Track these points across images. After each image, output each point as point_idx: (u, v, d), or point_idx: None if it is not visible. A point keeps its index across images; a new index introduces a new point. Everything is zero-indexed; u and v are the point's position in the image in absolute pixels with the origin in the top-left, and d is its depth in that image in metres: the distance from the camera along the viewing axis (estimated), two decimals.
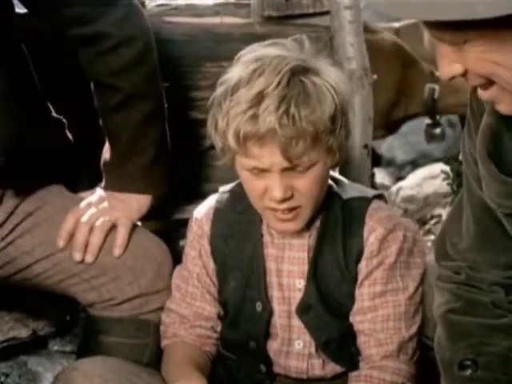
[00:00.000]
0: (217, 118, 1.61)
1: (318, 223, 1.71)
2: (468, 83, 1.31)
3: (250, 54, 1.63)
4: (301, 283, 1.71)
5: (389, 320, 1.69)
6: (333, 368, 1.73)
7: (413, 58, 4.97)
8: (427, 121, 4.17)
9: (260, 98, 1.56)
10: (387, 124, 5.33)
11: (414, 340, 1.71)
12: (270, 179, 1.59)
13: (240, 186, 1.77)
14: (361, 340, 1.70)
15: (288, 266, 1.72)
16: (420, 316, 1.72)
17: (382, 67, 5.23)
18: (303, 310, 1.70)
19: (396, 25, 6.22)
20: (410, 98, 5.19)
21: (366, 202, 1.71)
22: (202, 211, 1.80)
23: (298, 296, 1.71)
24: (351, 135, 1.82)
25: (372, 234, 1.68)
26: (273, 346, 1.73)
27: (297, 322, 1.71)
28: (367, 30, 5.41)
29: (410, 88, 5.19)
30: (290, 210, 1.62)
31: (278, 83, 1.56)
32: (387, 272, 1.69)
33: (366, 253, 1.68)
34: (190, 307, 1.79)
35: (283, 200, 1.60)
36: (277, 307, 1.72)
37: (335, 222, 1.70)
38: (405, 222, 1.75)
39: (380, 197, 1.76)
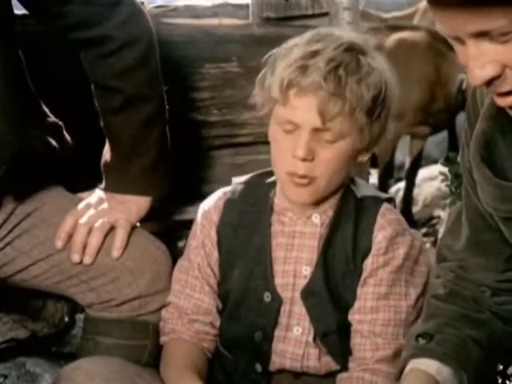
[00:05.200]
0: (266, 76, 1.66)
1: (331, 214, 1.72)
2: (499, 90, 1.24)
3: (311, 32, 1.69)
4: (307, 270, 1.71)
5: (389, 325, 1.69)
6: (327, 362, 1.72)
7: (447, 47, 4.97)
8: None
9: (313, 54, 1.61)
10: (430, 120, 5.34)
11: None
12: (297, 138, 1.62)
13: (254, 177, 1.80)
14: (356, 341, 1.70)
15: (297, 253, 1.72)
16: None
17: (414, 63, 5.29)
18: (307, 294, 1.70)
19: (386, 15, 6.25)
20: (446, 88, 5.20)
21: (379, 201, 1.73)
22: (210, 202, 1.81)
23: (302, 282, 1.71)
24: None
25: (381, 232, 1.69)
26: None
27: (298, 308, 1.71)
28: (396, 28, 5.47)
29: (444, 78, 5.20)
30: (306, 177, 1.64)
31: (335, 48, 1.61)
32: (393, 274, 1.69)
33: (374, 250, 1.69)
34: (189, 299, 1.79)
35: (304, 160, 1.62)
36: (281, 294, 1.71)
37: (348, 216, 1.71)
38: (412, 231, 1.76)
39: (390, 200, 1.78)
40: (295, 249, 1.73)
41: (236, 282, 1.75)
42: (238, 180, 1.82)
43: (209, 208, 1.80)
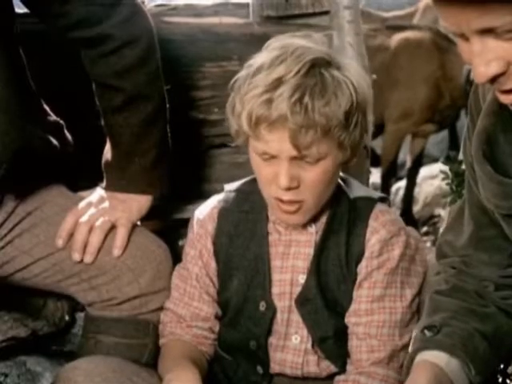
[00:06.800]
0: (235, 101, 1.63)
1: (324, 219, 1.71)
2: (503, 87, 1.23)
3: (276, 42, 1.65)
4: (304, 278, 1.71)
5: (384, 326, 1.68)
6: (327, 366, 1.72)
7: (449, 42, 4.99)
8: None
9: (277, 84, 1.57)
10: (436, 117, 5.35)
11: (407, 349, 1.68)
12: (278, 166, 1.60)
13: (246, 184, 1.79)
14: (352, 343, 1.70)
15: (293, 262, 1.72)
16: (414, 326, 1.70)
17: (419, 62, 5.31)
18: (302, 302, 1.70)
19: (386, 15, 6.27)
20: (451, 82, 5.22)
21: (371, 202, 1.72)
22: (205, 211, 1.80)
23: (299, 291, 1.71)
24: None
25: (374, 235, 1.68)
26: (270, 342, 1.73)
27: (296, 316, 1.71)
28: (398, 28, 5.51)
29: (449, 72, 5.22)
30: (294, 202, 1.63)
31: (297, 72, 1.57)
32: (388, 276, 1.69)
33: (367, 253, 1.68)
34: (188, 307, 1.79)
35: (288, 189, 1.60)
36: (278, 303, 1.72)
37: (341, 220, 1.71)
38: (409, 229, 1.75)
39: (384, 200, 1.76)
40: (291, 257, 1.72)
41: (235, 291, 1.75)
42: (230, 187, 1.81)
43: (203, 217, 1.79)
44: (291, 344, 1.72)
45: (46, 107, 1.95)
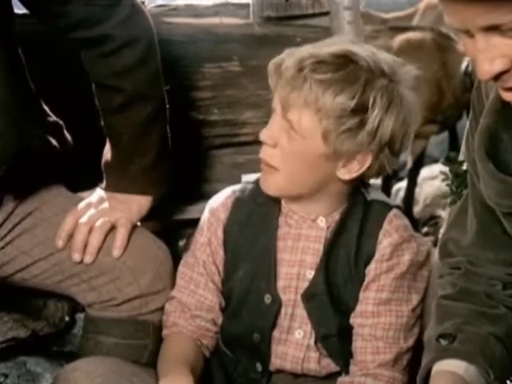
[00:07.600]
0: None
1: (337, 217, 1.72)
2: (506, 84, 1.22)
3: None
4: (311, 274, 1.71)
5: (390, 329, 1.69)
6: (327, 364, 1.73)
7: (450, 40, 4.99)
8: None
9: (313, 52, 1.62)
10: (439, 117, 5.35)
11: (410, 352, 1.71)
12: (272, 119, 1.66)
13: None
14: (357, 344, 1.70)
15: (301, 256, 1.72)
16: (418, 329, 1.72)
17: (422, 63, 5.30)
18: (308, 296, 1.70)
19: (385, 16, 6.26)
20: (452, 80, 5.22)
21: (387, 207, 1.73)
22: (218, 200, 1.80)
23: (306, 286, 1.71)
24: None
25: (387, 238, 1.69)
26: (273, 335, 1.73)
27: (301, 311, 1.71)
28: (399, 29, 5.50)
29: (451, 70, 5.22)
30: (267, 164, 1.66)
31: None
32: (396, 281, 1.69)
33: (378, 256, 1.69)
34: (193, 295, 1.78)
35: (265, 144, 1.65)
36: (282, 296, 1.72)
37: (354, 219, 1.71)
38: (417, 235, 1.77)
39: (399, 208, 1.77)
40: (299, 251, 1.72)
41: (240, 282, 1.75)
42: (248, 179, 1.83)
43: (217, 206, 1.79)
44: (294, 338, 1.72)
45: (46, 107, 1.95)
